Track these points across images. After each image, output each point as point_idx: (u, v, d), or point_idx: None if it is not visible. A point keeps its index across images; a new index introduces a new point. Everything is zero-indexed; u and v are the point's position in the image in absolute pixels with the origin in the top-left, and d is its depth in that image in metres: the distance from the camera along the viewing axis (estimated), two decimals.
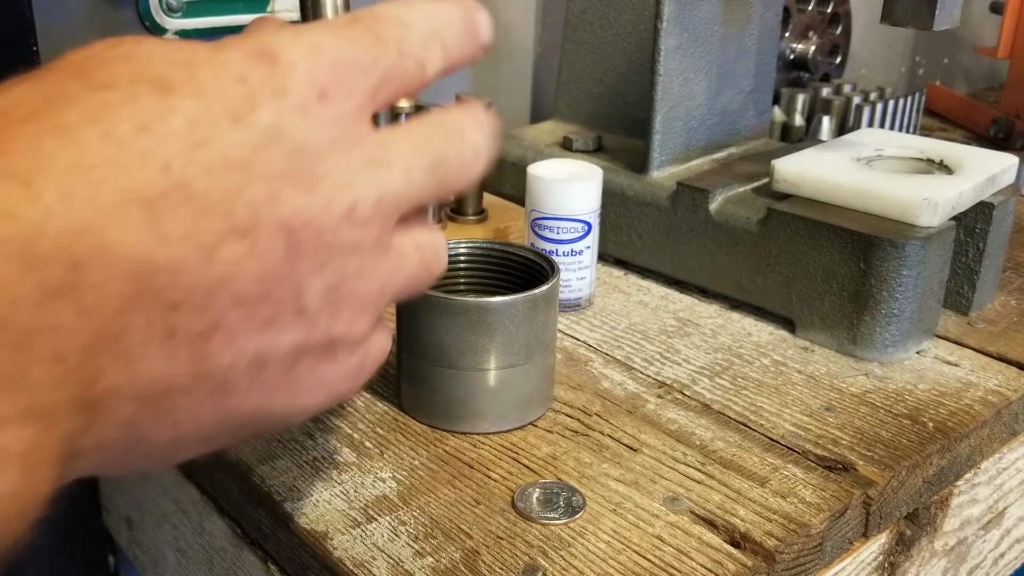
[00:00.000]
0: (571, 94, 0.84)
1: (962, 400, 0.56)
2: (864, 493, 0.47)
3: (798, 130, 0.94)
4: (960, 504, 0.55)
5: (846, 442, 0.51)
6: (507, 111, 0.95)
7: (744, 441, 0.51)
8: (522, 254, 0.54)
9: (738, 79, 0.75)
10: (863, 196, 0.60)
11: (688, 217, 0.67)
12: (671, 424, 0.52)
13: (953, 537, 0.56)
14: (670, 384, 0.57)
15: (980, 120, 1.16)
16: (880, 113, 0.96)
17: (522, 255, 0.54)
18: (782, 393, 0.56)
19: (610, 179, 0.70)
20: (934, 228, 0.58)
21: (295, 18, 0.78)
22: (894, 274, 0.57)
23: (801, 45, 1.03)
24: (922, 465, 0.50)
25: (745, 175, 0.69)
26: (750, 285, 0.65)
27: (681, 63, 0.69)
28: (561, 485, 0.46)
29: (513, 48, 0.95)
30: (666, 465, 0.49)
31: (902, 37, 1.33)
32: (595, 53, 0.81)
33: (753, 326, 0.64)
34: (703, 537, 0.43)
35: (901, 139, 0.71)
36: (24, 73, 0.26)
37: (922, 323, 0.60)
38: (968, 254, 0.64)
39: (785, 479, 0.48)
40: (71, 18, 0.69)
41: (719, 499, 0.46)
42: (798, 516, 0.45)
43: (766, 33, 0.76)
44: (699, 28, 0.70)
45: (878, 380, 0.58)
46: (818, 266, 0.60)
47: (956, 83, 1.43)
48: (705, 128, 0.74)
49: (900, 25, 0.59)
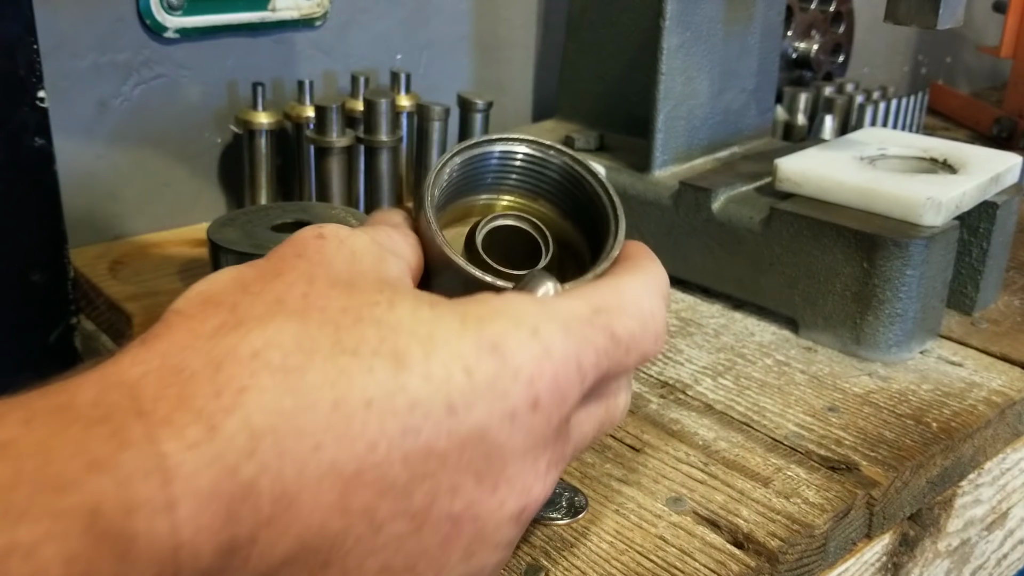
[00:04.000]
0: (573, 93, 0.84)
1: (966, 400, 0.55)
2: (867, 494, 0.47)
3: (801, 129, 0.94)
4: (964, 505, 0.54)
5: (849, 442, 0.51)
6: (508, 110, 0.95)
7: (747, 441, 0.51)
8: (595, 192, 0.39)
9: (741, 78, 0.75)
10: (866, 195, 0.60)
11: (691, 216, 0.67)
12: (674, 424, 0.52)
13: (956, 538, 0.55)
14: (673, 384, 0.56)
15: (983, 119, 1.15)
16: (883, 112, 0.96)
17: (594, 193, 0.39)
18: (785, 393, 0.56)
19: (612, 178, 0.70)
20: (938, 228, 0.58)
21: (294, 17, 0.78)
22: (898, 274, 0.57)
23: (804, 44, 1.02)
24: (926, 466, 0.50)
25: (748, 174, 0.69)
26: (753, 285, 0.64)
27: (684, 62, 0.69)
28: (563, 485, 0.46)
29: (514, 46, 0.95)
30: (669, 465, 0.48)
31: (905, 36, 1.32)
32: (597, 52, 0.81)
33: (756, 326, 0.64)
34: (706, 538, 0.43)
35: (904, 138, 0.70)
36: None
37: (926, 323, 0.60)
38: (972, 254, 0.64)
39: (788, 479, 0.47)
40: (73, 18, 0.68)
41: (722, 499, 0.46)
42: (801, 517, 0.44)
43: (769, 32, 0.75)
44: (702, 27, 0.70)
45: (881, 380, 0.57)
46: (821, 266, 0.60)
47: (959, 82, 1.43)
48: (707, 127, 0.73)
49: (903, 24, 0.59)
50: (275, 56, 0.79)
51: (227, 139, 0.79)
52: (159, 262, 0.70)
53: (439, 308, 0.29)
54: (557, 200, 0.40)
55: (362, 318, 0.28)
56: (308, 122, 0.75)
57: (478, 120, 0.79)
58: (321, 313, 0.28)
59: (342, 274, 0.30)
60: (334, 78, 0.83)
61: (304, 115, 0.76)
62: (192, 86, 0.76)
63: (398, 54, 0.87)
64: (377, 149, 0.74)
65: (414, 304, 0.29)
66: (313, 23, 0.80)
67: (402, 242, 0.35)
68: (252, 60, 0.78)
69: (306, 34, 0.80)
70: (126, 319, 0.62)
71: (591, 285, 0.33)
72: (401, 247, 0.34)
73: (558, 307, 0.30)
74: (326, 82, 0.83)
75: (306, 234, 0.32)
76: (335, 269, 0.30)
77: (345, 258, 0.31)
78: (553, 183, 0.40)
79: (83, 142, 0.72)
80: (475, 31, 0.91)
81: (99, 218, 0.74)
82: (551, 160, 0.39)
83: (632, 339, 0.32)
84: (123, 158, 0.74)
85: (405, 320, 0.28)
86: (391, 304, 0.28)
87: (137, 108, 0.73)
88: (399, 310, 0.28)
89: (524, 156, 0.39)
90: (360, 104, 0.76)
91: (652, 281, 0.34)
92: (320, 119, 0.72)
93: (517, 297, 0.31)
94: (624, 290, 0.33)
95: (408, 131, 0.81)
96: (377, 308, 0.28)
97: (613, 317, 0.31)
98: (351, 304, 0.28)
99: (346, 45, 0.83)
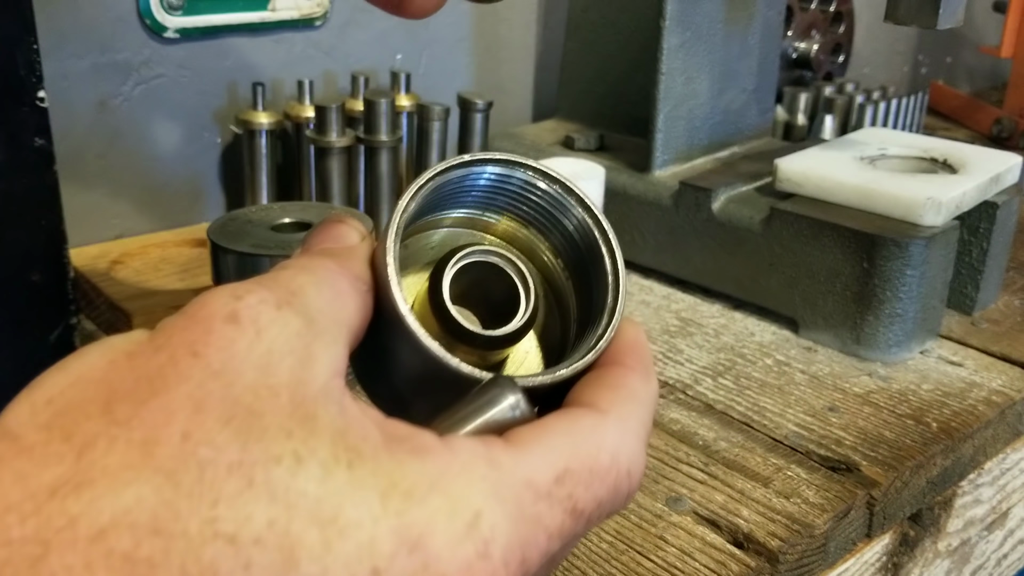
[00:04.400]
0: (573, 93, 0.83)
1: (966, 400, 0.55)
2: (868, 494, 0.47)
3: (801, 129, 0.94)
4: (964, 505, 0.54)
5: (849, 442, 0.51)
6: (508, 110, 0.95)
7: (747, 441, 0.51)
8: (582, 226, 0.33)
9: (741, 78, 0.74)
10: (866, 195, 0.60)
11: (691, 216, 0.67)
12: (674, 424, 0.52)
13: (956, 538, 0.55)
14: (673, 384, 0.56)
15: (983, 119, 1.15)
16: (883, 112, 0.96)
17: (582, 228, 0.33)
18: (785, 393, 0.56)
19: (612, 178, 0.70)
20: (938, 228, 0.58)
21: (294, 17, 0.78)
22: (898, 274, 0.57)
23: (804, 44, 1.02)
24: (926, 466, 0.50)
25: (748, 174, 0.69)
26: (753, 285, 0.64)
27: (684, 62, 0.69)
28: None
29: (515, 46, 0.95)
30: (669, 465, 0.48)
31: (905, 36, 1.32)
32: (597, 51, 0.81)
33: (756, 326, 0.64)
34: (706, 538, 0.43)
35: (904, 138, 0.70)
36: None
37: (926, 323, 0.60)
38: (972, 254, 0.64)
39: (788, 479, 0.47)
40: (72, 18, 0.68)
41: (722, 499, 0.46)
42: (801, 517, 0.44)
43: (769, 32, 0.75)
44: (702, 26, 0.70)
45: (881, 380, 0.57)
46: (821, 266, 0.60)
47: (959, 82, 1.43)
48: (708, 127, 0.73)
49: (904, 24, 0.59)
50: (275, 56, 0.79)
51: (227, 139, 0.79)
52: (159, 262, 0.70)
53: (358, 471, 0.22)
54: (547, 231, 0.34)
55: (253, 484, 0.21)
56: (308, 122, 0.75)
57: (478, 120, 0.79)
58: (199, 472, 0.21)
59: (244, 395, 0.23)
60: (334, 78, 0.83)
61: (304, 115, 0.76)
62: (192, 86, 0.76)
63: (398, 54, 0.87)
64: (377, 149, 0.74)
65: (328, 462, 0.22)
66: (313, 23, 0.80)
67: (345, 295, 0.27)
68: (252, 60, 0.78)
69: (306, 34, 0.80)
70: (126, 319, 0.62)
71: (563, 429, 0.26)
72: (340, 307, 0.27)
73: (513, 475, 0.24)
74: (326, 82, 0.83)
75: (215, 310, 0.24)
76: (237, 386, 0.23)
77: (256, 364, 0.23)
78: (545, 214, 0.34)
79: (83, 142, 0.72)
80: (475, 31, 0.91)
81: (99, 218, 0.74)
82: (549, 192, 0.33)
83: (598, 509, 0.26)
84: (123, 158, 0.74)
85: (310, 491, 0.22)
86: (297, 462, 0.22)
87: (137, 108, 0.73)
88: (305, 474, 0.22)
89: (519, 180, 0.33)
90: (360, 104, 0.76)
91: (640, 417, 0.28)
92: (320, 119, 0.72)
93: (463, 459, 0.24)
94: (603, 443, 0.26)
95: (408, 131, 0.81)
96: (277, 469, 0.22)
97: (580, 485, 0.25)
98: (244, 459, 0.21)
99: (346, 45, 0.83)
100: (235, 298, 0.24)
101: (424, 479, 0.23)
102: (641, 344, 0.31)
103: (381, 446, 0.23)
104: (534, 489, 0.24)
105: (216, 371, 0.23)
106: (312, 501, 0.22)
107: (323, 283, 0.27)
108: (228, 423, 0.22)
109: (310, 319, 0.25)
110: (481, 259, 0.32)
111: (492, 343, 0.31)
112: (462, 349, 0.30)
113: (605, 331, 0.31)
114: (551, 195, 0.33)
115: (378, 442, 0.23)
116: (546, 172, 0.33)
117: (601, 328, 0.31)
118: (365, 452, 0.23)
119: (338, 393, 0.24)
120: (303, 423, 0.23)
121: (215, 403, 0.22)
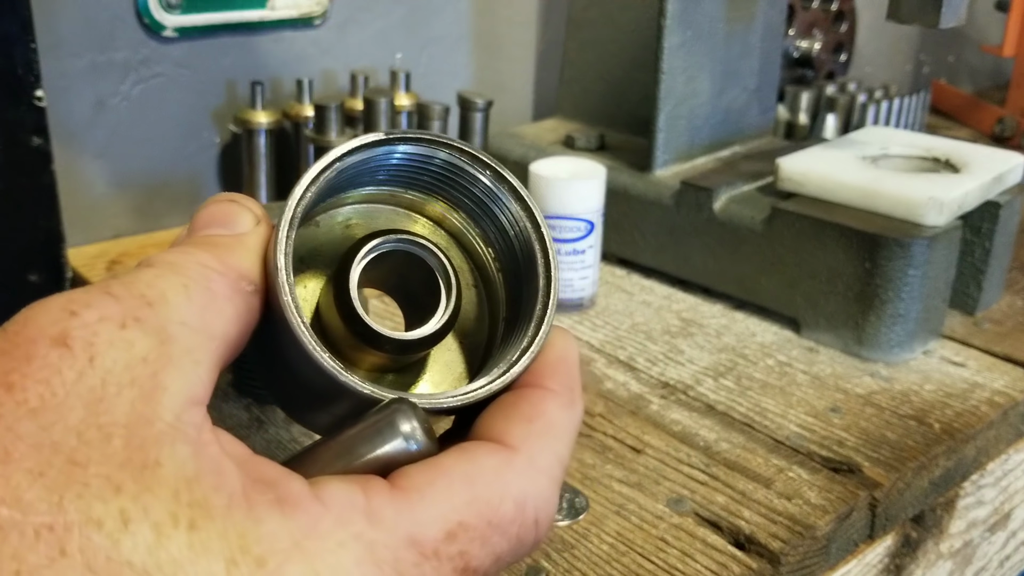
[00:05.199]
0: (573, 92, 0.83)
1: (968, 401, 0.55)
2: (870, 495, 0.47)
3: (802, 128, 0.94)
4: (966, 506, 0.54)
5: (851, 443, 0.50)
6: (509, 109, 0.95)
7: (749, 442, 0.50)
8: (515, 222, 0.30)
9: (742, 77, 0.74)
10: (868, 195, 0.60)
11: (692, 216, 0.67)
12: (675, 425, 0.52)
13: (959, 539, 0.55)
14: (674, 385, 0.56)
15: (985, 119, 1.15)
16: (885, 111, 0.96)
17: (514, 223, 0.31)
18: (787, 394, 0.55)
19: (613, 178, 0.70)
20: (940, 227, 0.58)
21: (292, 16, 0.78)
22: (900, 274, 0.57)
23: (806, 43, 1.02)
24: (928, 467, 0.50)
25: (749, 174, 0.68)
26: (754, 285, 0.64)
27: (685, 60, 0.69)
28: (564, 487, 0.46)
29: (515, 45, 0.95)
30: (670, 467, 0.48)
31: (907, 35, 1.32)
32: (598, 50, 0.80)
33: (757, 326, 0.64)
34: (707, 539, 0.43)
35: (906, 137, 0.70)
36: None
37: (928, 323, 0.60)
38: (974, 254, 0.64)
39: (790, 480, 0.47)
40: (70, 16, 0.68)
41: (724, 501, 0.45)
42: (803, 518, 0.44)
43: (771, 31, 0.75)
44: (703, 25, 0.69)
45: (884, 381, 0.57)
46: (823, 266, 0.60)
47: (961, 81, 1.42)
48: (709, 126, 0.73)
49: (906, 23, 0.58)
50: (274, 55, 0.79)
51: (226, 138, 0.79)
52: None
53: (202, 532, 0.19)
54: (478, 218, 0.31)
55: (66, 553, 0.18)
56: (307, 121, 0.75)
57: (478, 119, 0.79)
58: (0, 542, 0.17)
59: (66, 440, 0.19)
60: (333, 77, 0.83)
61: (303, 114, 0.75)
62: (191, 85, 0.75)
63: (398, 53, 0.86)
64: None
65: (163, 523, 0.18)
66: (312, 22, 0.80)
67: (222, 300, 0.23)
68: (251, 59, 0.78)
69: (305, 33, 0.80)
70: None
71: (462, 473, 0.23)
72: (214, 316, 0.23)
73: (395, 532, 0.21)
74: (325, 81, 0.83)
75: (41, 329, 0.20)
76: (58, 428, 0.19)
77: (86, 399, 0.19)
78: (475, 200, 0.31)
79: (81, 141, 0.71)
80: (475, 30, 0.91)
81: (97, 218, 0.74)
82: (472, 172, 0.30)
83: (496, 564, 0.23)
84: (121, 157, 0.74)
85: (136, 562, 0.18)
86: (124, 524, 0.18)
87: (135, 107, 0.73)
88: (132, 540, 0.18)
89: (442, 161, 0.30)
90: (359, 103, 0.75)
91: (556, 452, 0.25)
92: (319, 118, 0.72)
93: (336, 513, 0.21)
94: (507, 490, 0.23)
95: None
96: (97, 534, 0.18)
97: (475, 542, 0.22)
98: (57, 522, 0.18)
99: (345, 44, 0.83)
100: (69, 313, 0.20)
101: (285, 540, 0.19)
102: (568, 362, 0.27)
103: (238, 497, 0.20)
104: (418, 549, 0.21)
105: (33, 409, 0.19)
106: (138, 574, 0.18)
107: (195, 286, 0.23)
108: (40, 476, 0.18)
109: (165, 338, 0.21)
110: (396, 247, 0.28)
111: (404, 347, 0.28)
112: (370, 352, 0.28)
113: (530, 345, 0.27)
114: (482, 182, 0.30)
115: (235, 492, 0.20)
116: (477, 156, 0.30)
117: (526, 341, 0.28)
118: (215, 507, 0.19)
119: (192, 430, 0.20)
120: (138, 474, 0.19)
121: (26, 450, 0.18)
